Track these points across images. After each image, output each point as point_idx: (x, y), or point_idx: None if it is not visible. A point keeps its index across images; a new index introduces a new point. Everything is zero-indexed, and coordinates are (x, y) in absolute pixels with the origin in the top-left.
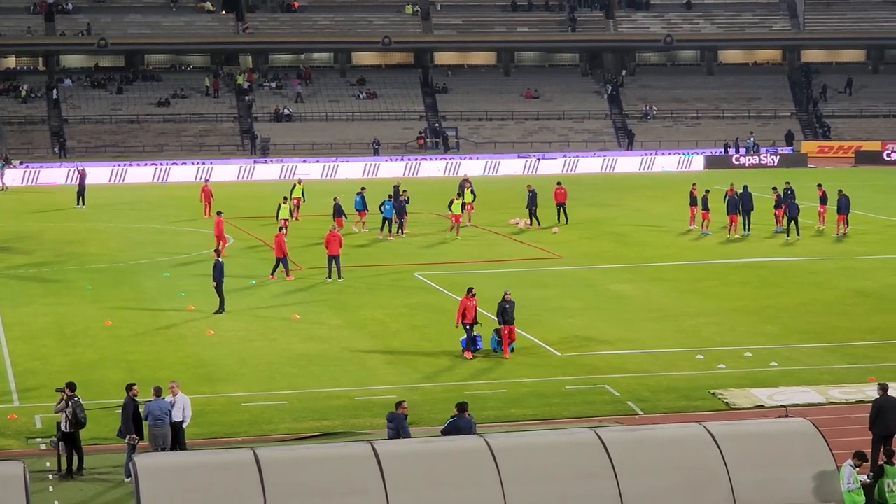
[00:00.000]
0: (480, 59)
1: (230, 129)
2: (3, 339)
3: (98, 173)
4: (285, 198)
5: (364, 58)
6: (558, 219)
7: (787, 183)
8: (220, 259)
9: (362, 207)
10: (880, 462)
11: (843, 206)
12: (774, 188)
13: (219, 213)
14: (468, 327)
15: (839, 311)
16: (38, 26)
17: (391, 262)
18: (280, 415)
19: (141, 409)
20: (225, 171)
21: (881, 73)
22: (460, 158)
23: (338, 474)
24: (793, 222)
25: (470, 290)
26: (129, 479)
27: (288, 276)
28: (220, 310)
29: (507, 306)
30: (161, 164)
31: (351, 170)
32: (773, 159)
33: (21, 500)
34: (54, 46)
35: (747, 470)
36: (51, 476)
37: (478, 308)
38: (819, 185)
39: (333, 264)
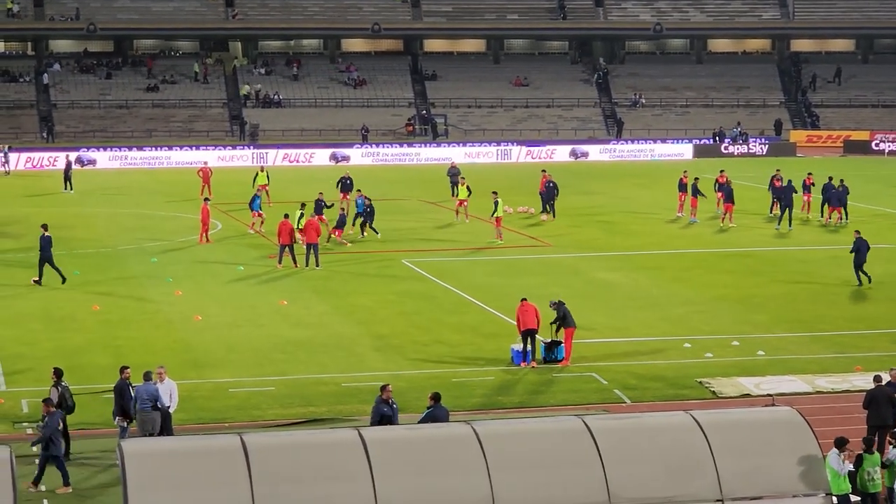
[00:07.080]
0: (470, 47)
1: (219, 114)
2: None
3: (86, 158)
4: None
5: (353, 44)
6: (543, 207)
7: (777, 170)
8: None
9: (258, 208)
10: (858, 451)
11: (835, 197)
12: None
13: (206, 199)
14: (529, 336)
15: (826, 301)
16: (28, 11)
17: (379, 249)
18: (267, 401)
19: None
20: (212, 156)
21: (870, 63)
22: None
23: (325, 460)
24: (787, 210)
25: (524, 300)
26: None
27: (295, 264)
28: (39, 281)
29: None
30: (149, 150)
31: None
32: (761, 148)
33: (7, 484)
34: (43, 31)
35: (734, 458)
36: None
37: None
38: (809, 174)
39: (311, 252)
